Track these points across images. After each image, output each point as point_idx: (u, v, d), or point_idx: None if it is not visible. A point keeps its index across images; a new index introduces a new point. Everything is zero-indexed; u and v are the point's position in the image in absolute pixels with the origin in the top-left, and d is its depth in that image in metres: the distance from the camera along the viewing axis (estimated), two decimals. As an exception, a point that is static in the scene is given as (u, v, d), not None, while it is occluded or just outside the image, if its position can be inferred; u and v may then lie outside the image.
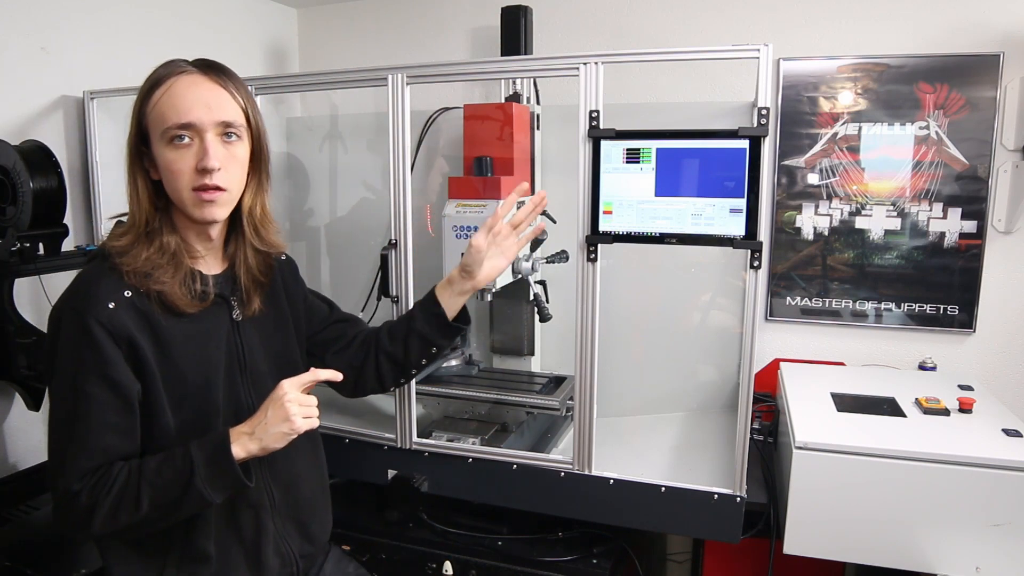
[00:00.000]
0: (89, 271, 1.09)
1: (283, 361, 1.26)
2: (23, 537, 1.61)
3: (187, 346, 1.11)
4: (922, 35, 2.02)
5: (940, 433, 1.51)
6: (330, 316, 1.43)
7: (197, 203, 1.08)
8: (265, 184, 1.20)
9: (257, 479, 1.17)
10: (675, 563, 2.31)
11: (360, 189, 2.49)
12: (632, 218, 1.50)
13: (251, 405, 1.19)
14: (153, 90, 1.07)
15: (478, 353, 2.28)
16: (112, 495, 1.03)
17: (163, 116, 1.06)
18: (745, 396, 1.48)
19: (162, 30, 2.21)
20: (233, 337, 1.18)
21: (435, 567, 1.79)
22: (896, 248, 2.11)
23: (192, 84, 1.07)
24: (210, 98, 1.08)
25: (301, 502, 1.28)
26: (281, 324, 1.28)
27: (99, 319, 1.02)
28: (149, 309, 1.07)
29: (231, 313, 1.19)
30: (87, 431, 1.04)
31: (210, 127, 1.07)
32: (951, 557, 1.42)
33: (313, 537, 1.30)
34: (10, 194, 1.68)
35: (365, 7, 2.64)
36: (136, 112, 1.09)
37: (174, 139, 1.06)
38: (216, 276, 1.18)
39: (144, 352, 1.06)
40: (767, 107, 1.39)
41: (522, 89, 2.12)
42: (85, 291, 1.05)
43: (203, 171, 1.06)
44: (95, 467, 1.04)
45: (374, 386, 1.43)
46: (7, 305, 1.73)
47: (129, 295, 1.06)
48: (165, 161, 1.07)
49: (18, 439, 1.90)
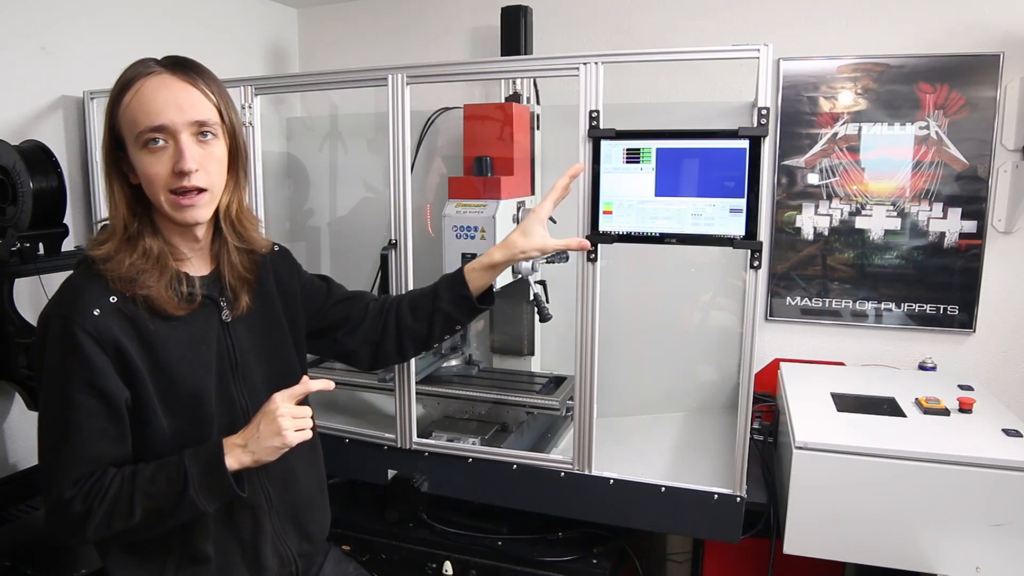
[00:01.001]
0: (74, 278, 1.09)
1: (275, 359, 1.26)
2: (23, 537, 1.61)
3: (177, 349, 1.10)
4: (922, 35, 2.02)
5: (940, 433, 1.51)
6: (329, 294, 1.41)
7: (176, 206, 1.06)
8: (242, 181, 1.18)
9: (253, 480, 1.17)
10: (675, 563, 2.31)
11: (360, 189, 2.50)
12: (632, 218, 1.50)
13: (244, 405, 1.18)
14: (123, 93, 1.04)
15: (478, 353, 2.27)
16: (106, 503, 1.03)
17: (135, 120, 1.03)
18: (745, 396, 1.48)
19: (162, 30, 2.21)
20: (223, 338, 1.17)
21: (435, 567, 1.78)
22: (896, 248, 2.11)
23: (161, 85, 1.05)
24: (181, 98, 1.05)
25: (298, 502, 1.27)
26: (273, 322, 1.27)
27: (84, 327, 1.02)
28: (136, 314, 1.06)
29: (220, 314, 1.18)
30: (78, 439, 1.03)
31: (183, 128, 1.04)
32: (951, 557, 1.42)
33: (311, 537, 1.30)
34: (10, 194, 1.68)
35: (365, 7, 2.64)
36: (108, 117, 1.07)
37: (148, 143, 1.04)
38: (203, 277, 1.17)
39: (132, 357, 1.05)
40: (767, 107, 1.39)
41: (522, 89, 2.12)
42: (70, 299, 1.05)
43: (180, 173, 1.04)
44: (88, 473, 1.04)
45: (394, 359, 1.46)
46: (7, 305, 1.73)
47: (115, 300, 1.05)
48: (141, 166, 1.05)
49: (18, 439, 1.90)
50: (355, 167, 2.50)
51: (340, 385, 2.10)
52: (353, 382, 2.05)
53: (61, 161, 1.80)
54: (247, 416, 1.18)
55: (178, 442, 1.10)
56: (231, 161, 1.14)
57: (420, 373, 1.94)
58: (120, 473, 1.06)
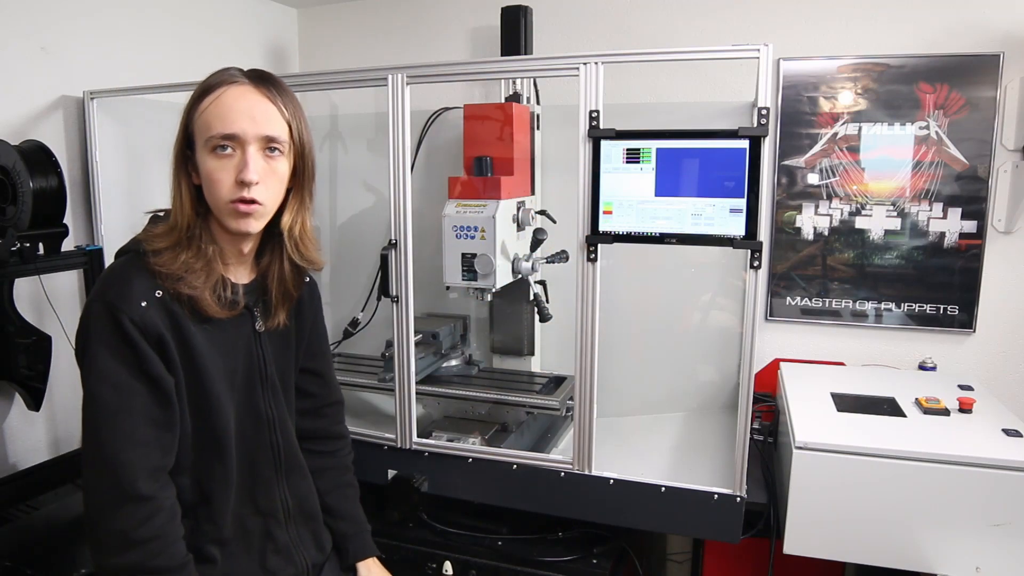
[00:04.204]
0: (122, 266, 1.08)
1: (284, 377, 1.27)
2: (23, 537, 1.61)
3: (210, 353, 1.11)
4: (922, 35, 2.02)
5: (940, 433, 1.51)
6: (319, 354, 1.38)
7: (233, 214, 1.08)
8: (308, 202, 1.19)
9: (272, 489, 1.20)
10: (675, 563, 2.32)
11: (360, 189, 2.50)
12: (632, 218, 1.50)
13: (271, 416, 1.20)
14: (203, 97, 1.07)
15: (478, 353, 2.28)
16: (164, 555, 1.03)
17: (208, 124, 1.06)
18: (745, 396, 1.48)
19: (162, 30, 2.21)
20: (255, 348, 1.19)
21: (435, 567, 1.79)
22: (896, 248, 2.11)
23: (241, 95, 1.07)
24: (256, 111, 1.07)
25: (315, 512, 1.30)
26: (290, 341, 1.28)
27: (132, 317, 1.02)
28: (178, 311, 1.07)
29: (254, 324, 1.19)
30: (130, 423, 1.02)
31: (253, 140, 1.07)
32: (951, 557, 1.42)
33: (324, 547, 1.32)
34: (10, 194, 1.68)
35: (365, 7, 2.64)
36: (184, 117, 1.09)
37: (217, 148, 1.06)
38: (245, 285, 1.18)
39: (173, 352, 1.06)
40: (767, 107, 1.39)
41: (522, 89, 2.12)
42: (120, 289, 1.04)
43: (242, 183, 1.06)
44: (161, 467, 1.05)
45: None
46: (7, 305, 1.73)
47: (160, 295, 1.06)
48: (207, 169, 1.07)
49: (18, 439, 1.90)
50: (355, 167, 2.51)
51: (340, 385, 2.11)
52: (353, 382, 2.05)
53: (61, 161, 1.80)
54: (272, 427, 1.20)
55: (198, 447, 1.11)
56: (296, 180, 1.16)
57: (420, 373, 1.94)
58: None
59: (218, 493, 1.13)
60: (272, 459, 1.21)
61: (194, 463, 1.12)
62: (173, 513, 1.07)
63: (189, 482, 1.12)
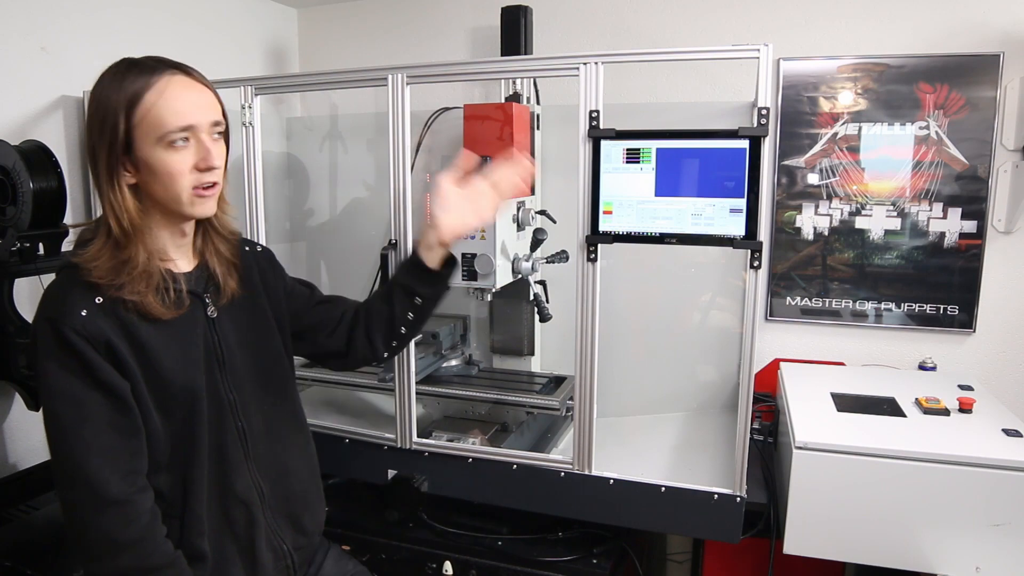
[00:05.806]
0: (58, 284, 1.09)
1: (262, 354, 1.26)
2: (23, 537, 1.61)
3: (166, 347, 1.11)
4: (922, 35, 2.02)
5: (940, 433, 1.51)
6: (312, 298, 1.42)
7: (195, 200, 1.10)
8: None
9: (245, 475, 1.19)
10: (675, 563, 2.32)
11: (360, 189, 2.50)
12: (632, 218, 1.50)
13: (232, 400, 1.19)
14: (139, 97, 1.05)
15: (478, 353, 2.28)
16: (156, 555, 1.05)
17: (161, 120, 1.05)
18: (745, 396, 1.48)
19: (162, 30, 2.21)
20: (209, 334, 1.18)
21: (435, 567, 1.79)
22: (896, 248, 2.11)
23: (184, 87, 1.08)
24: (202, 99, 1.10)
25: (291, 496, 1.28)
26: (259, 316, 1.28)
27: (74, 327, 1.02)
28: (124, 315, 1.07)
29: (206, 310, 1.19)
30: (91, 433, 1.03)
31: (206, 127, 1.09)
32: (951, 557, 1.43)
33: (306, 529, 1.30)
34: (10, 194, 1.68)
35: (365, 7, 2.64)
36: (121, 121, 1.05)
37: (175, 142, 1.06)
38: (187, 274, 1.18)
39: (124, 356, 1.06)
40: (767, 107, 1.39)
41: (522, 89, 2.12)
42: (55, 304, 1.05)
43: (207, 169, 1.09)
44: (133, 470, 1.05)
45: (365, 352, 1.41)
46: (7, 305, 1.73)
47: (100, 301, 1.05)
48: (161, 163, 1.06)
49: (18, 439, 1.90)
50: (355, 167, 2.50)
51: (340, 385, 2.11)
52: (353, 382, 2.05)
53: (61, 161, 1.80)
54: (235, 411, 1.19)
55: (172, 443, 1.11)
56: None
57: (420, 373, 1.94)
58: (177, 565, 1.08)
59: (199, 484, 1.13)
60: (239, 443, 1.20)
61: (172, 459, 1.12)
62: (155, 514, 1.07)
63: (171, 479, 1.12)
